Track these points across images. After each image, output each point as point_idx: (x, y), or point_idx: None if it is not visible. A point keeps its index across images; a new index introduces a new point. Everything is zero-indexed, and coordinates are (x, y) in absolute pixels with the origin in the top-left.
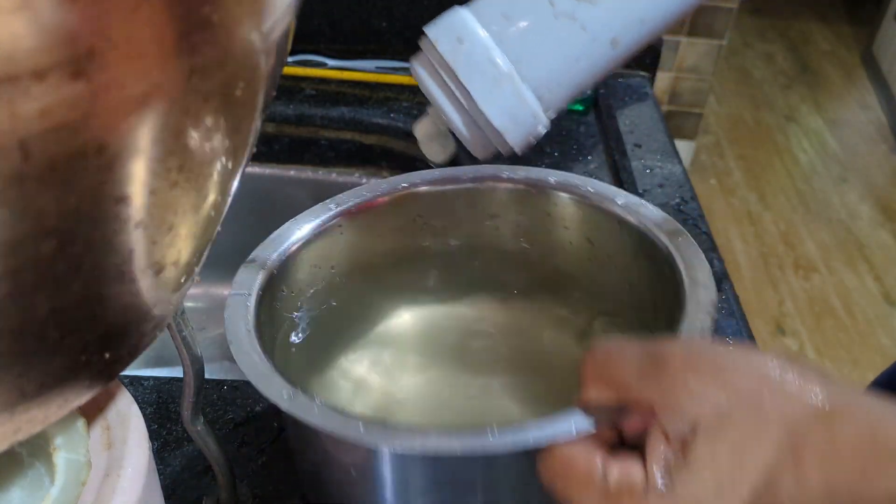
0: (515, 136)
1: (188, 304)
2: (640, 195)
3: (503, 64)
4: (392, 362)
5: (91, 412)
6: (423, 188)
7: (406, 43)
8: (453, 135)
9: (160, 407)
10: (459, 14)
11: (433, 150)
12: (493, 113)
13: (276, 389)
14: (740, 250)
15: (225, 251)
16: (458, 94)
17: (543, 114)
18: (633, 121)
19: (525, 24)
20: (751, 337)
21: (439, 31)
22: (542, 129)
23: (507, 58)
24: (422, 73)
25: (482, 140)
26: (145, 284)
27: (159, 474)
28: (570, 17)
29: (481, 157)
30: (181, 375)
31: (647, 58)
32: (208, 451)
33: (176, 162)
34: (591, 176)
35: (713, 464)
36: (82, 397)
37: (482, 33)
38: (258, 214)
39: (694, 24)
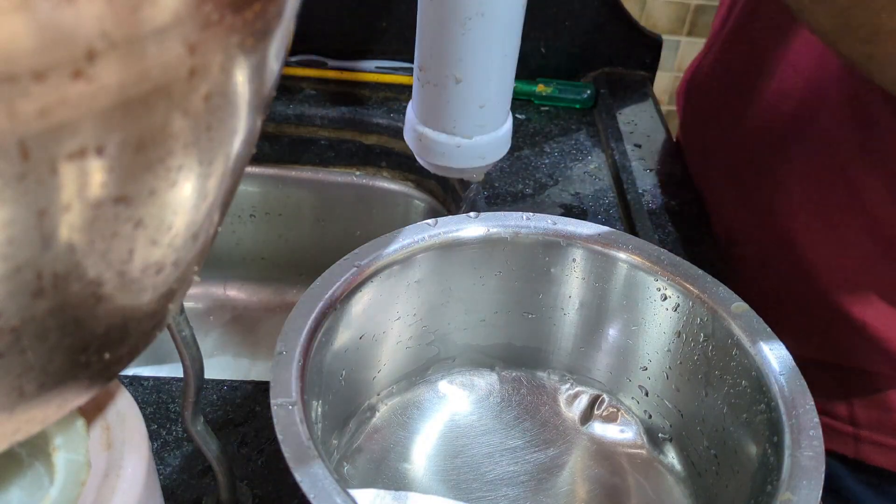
0: None
1: (188, 304)
2: (640, 195)
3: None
4: None
5: (91, 412)
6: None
7: (406, 43)
8: None
9: (160, 407)
10: None
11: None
12: None
13: None
14: None
15: (225, 251)
16: None
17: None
18: (633, 121)
19: None
20: None
21: None
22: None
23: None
24: None
25: None
26: (146, 284)
27: (159, 474)
28: None
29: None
30: (181, 375)
31: (647, 58)
32: (208, 451)
33: (176, 162)
34: (590, 176)
35: None
36: (82, 397)
37: None
38: (257, 214)
39: (694, 23)
